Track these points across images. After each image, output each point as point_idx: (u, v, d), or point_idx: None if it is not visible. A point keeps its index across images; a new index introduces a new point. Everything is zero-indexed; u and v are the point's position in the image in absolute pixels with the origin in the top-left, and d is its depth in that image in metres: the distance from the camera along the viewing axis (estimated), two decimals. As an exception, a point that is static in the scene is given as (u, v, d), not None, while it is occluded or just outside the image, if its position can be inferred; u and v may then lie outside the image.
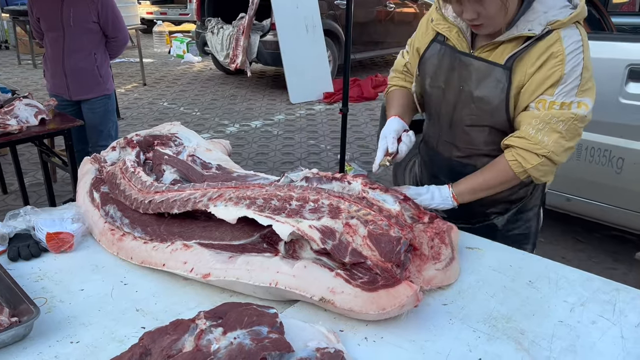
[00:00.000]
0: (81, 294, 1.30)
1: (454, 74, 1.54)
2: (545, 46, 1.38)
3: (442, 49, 1.56)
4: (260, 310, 1.04)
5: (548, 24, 1.37)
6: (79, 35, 3.33)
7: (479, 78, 1.48)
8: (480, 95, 1.49)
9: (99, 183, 1.71)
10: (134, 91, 7.63)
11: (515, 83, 1.42)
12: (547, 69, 1.38)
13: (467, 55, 1.50)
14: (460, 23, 1.50)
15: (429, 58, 1.60)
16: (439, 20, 1.56)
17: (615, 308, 1.24)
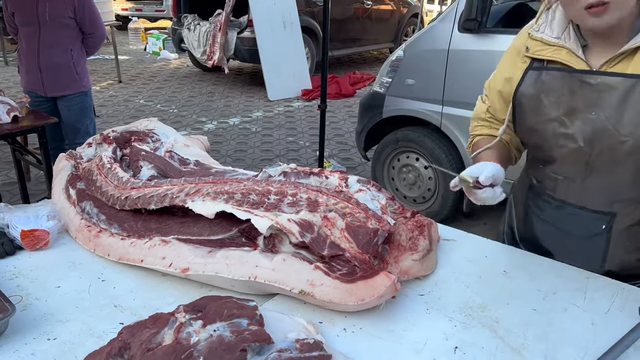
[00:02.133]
0: (57, 291, 1.28)
1: (575, 99, 1.24)
2: None
3: (545, 75, 1.28)
4: (240, 303, 1.05)
5: None
6: (55, 31, 3.28)
7: (619, 96, 1.19)
8: (628, 116, 1.18)
9: (75, 180, 1.69)
10: (109, 89, 7.53)
11: None
12: None
13: (592, 73, 1.22)
14: (567, 42, 1.26)
15: (528, 90, 1.32)
16: (537, 46, 1.30)
17: (586, 295, 1.27)
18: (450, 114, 3.35)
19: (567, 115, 1.26)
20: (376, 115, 3.76)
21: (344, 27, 8.43)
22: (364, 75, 8.10)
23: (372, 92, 3.83)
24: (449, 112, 3.35)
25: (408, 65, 3.53)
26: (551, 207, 1.41)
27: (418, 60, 3.48)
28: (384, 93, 3.69)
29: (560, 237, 1.42)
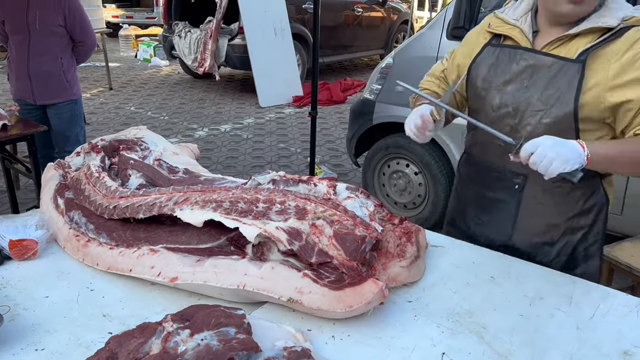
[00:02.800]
0: (46, 301, 1.28)
1: (514, 72, 1.45)
2: (629, 43, 1.32)
3: (498, 50, 1.49)
4: (228, 312, 1.05)
5: (624, 19, 1.33)
6: (45, 39, 3.27)
7: (547, 74, 1.39)
8: (549, 92, 1.38)
9: (63, 189, 1.68)
10: (100, 96, 7.50)
11: (593, 78, 1.33)
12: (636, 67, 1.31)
13: (533, 52, 1.42)
14: (522, 25, 1.47)
15: (483, 60, 1.52)
16: (498, 23, 1.52)
17: (572, 301, 1.29)
18: (440, 121, 3.37)
19: (505, 84, 1.47)
20: (367, 122, 3.78)
21: (334, 34, 8.47)
22: (354, 82, 8.13)
23: (363, 98, 3.85)
24: (438, 118, 3.37)
25: (398, 72, 3.55)
26: (477, 169, 1.61)
27: (408, 67, 3.50)
28: (374, 100, 3.71)
29: (482, 200, 1.60)
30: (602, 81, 1.33)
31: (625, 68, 1.31)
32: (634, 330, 1.18)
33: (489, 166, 1.56)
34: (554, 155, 1.24)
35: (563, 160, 1.24)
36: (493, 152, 1.52)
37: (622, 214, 2.82)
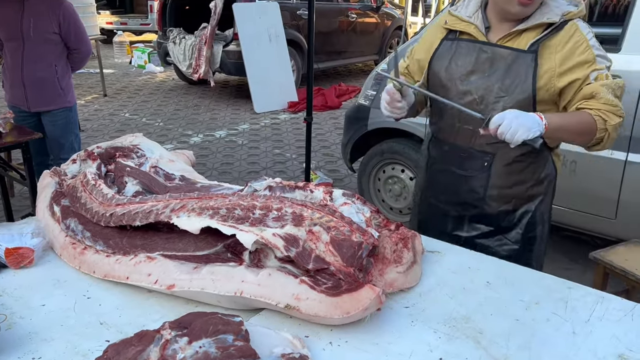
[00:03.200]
0: (42, 309, 1.28)
1: (477, 63, 1.63)
2: (568, 35, 1.56)
3: (456, 44, 1.67)
4: (226, 319, 1.05)
5: (563, 15, 1.57)
6: (39, 46, 3.27)
7: (504, 64, 1.59)
8: (509, 80, 1.58)
9: (59, 196, 1.68)
10: (95, 102, 7.49)
11: (544, 66, 1.56)
12: (579, 52, 1.54)
13: (490, 45, 1.62)
14: (476, 21, 1.66)
15: (442, 54, 1.69)
16: (454, 20, 1.70)
17: (567, 305, 1.30)
18: (435, 126, 3.39)
19: (468, 75, 1.64)
20: (361, 128, 3.79)
21: (329, 40, 8.50)
22: (349, 87, 8.15)
23: (357, 104, 3.86)
24: (433, 123, 3.39)
25: (392, 78, 3.57)
26: (446, 152, 1.77)
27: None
28: (369, 106, 3.72)
29: (452, 176, 1.76)
30: (551, 69, 1.56)
31: (568, 56, 1.55)
32: (629, 334, 1.19)
33: (458, 147, 1.72)
34: (518, 125, 1.42)
35: (526, 128, 1.42)
36: (462, 135, 1.70)
37: (616, 218, 2.84)
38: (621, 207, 2.82)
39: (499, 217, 1.74)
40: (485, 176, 1.70)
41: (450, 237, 1.77)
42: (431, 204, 1.87)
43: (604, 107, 1.51)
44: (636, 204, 2.78)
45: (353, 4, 9.24)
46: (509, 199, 1.72)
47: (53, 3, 3.27)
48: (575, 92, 1.55)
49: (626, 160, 2.76)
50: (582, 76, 1.54)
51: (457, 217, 1.78)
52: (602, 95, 1.51)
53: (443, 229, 1.82)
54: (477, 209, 1.75)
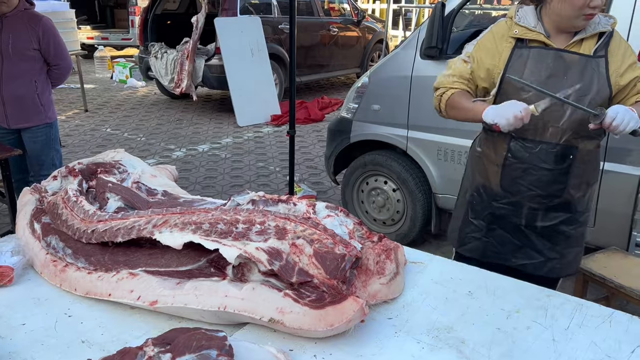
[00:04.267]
0: (22, 328, 1.26)
1: (553, 68, 1.79)
2: (618, 42, 1.82)
3: (529, 51, 1.83)
4: (209, 334, 1.05)
5: (610, 25, 1.82)
6: (19, 62, 3.24)
7: (579, 67, 1.78)
8: (585, 81, 1.77)
9: (39, 214, 1.67)
10: (76, 118, 7.43)
11: (611, 68, 1.79)
12: (628, 55, 1.82)
13: (563, 51, 1.81)
14: (539, 29, 1.83)
15: (517, 61, 1.83)
16: (522, 30, 1.85)
17: (547, 313, 1.32)
18: (416, 138, 3.43)
19: (547, 79, 1.79)
20: (344, 140, 3.82)
21: (311, 54, 8.56)
22: (332, 100, 8.20)
23: (340, 117, 3.89)
24: (414, 136, 3.43)
25: (373, 91, 3.61)
26: (532, 150, 1.86)
27: (383, 86, 3.56)
28: (351, 118, 3.75)
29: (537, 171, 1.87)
30: (615, 70, 1.79)
31: (623, 59, 1.81)
32: (607, 340, 1.22)
33: (547, 144, 1.84)
34: (630, 117, 1.67)
35: (635, 120, 1.68)
36: (549, 133, 1.83)
37: (594, 226, 2.89)
38: (599, 215, 2.87)
39: (576, 203, 1.91)
40: (569, 168, 1.86)
41: (527, 227, 1.93)
42: (510, 202, 1.94)
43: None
44: (613, 212, 2.83)
45: (334, 18, 9.33)
46: (582, 186, 1.90)
47: (32, 19, 3.25)
48: (632, 88, 1.82)
49: (603, 169, 2.81)
50: (637, 75, 1.81)
51: (535, 208, 1.90)
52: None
53: (519, 222, 1.93)
54: (559, 199, 1.89)
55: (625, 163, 2.76)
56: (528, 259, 1.95)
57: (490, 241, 2.00)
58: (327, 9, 9.41)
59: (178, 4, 8.75)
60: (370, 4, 14.57)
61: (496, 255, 1.99)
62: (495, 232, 1.98)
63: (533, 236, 1.93)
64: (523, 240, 1.94)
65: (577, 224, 1.94)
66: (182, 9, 8.83)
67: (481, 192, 2.01)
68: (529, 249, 1.94)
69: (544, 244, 1.93)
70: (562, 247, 1.93)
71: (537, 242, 1.93)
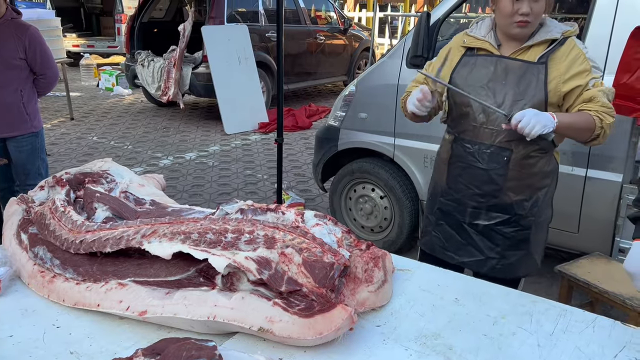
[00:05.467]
0: (10, 340, 1.25)
1: (495, 73, 1.90)
2: (568, 49, 1.86)
3: (475, 59, 1.96)
4: (199, 344, 1.06)
5: (563, 33, 1.87)
6: (4, 71, 3.22)
7: (519, 73, 1.87)
8: (522, 86, 1.85)
9: (26, 224, 1.66)
10: (61, 126, 7.37)
11: (552, 74, 1.84)
12: (579, 63, 1.83)
13: (505, 58, 1.91)
14: (489, 39, 1.95)
15: (463, 67, 1.96)
16: (471, 39, 1.98)
17: (532, 319, 1.34)
18: (402, 146, 3.46)
19: (487, 83, 1.91)
20: (332, 148, 3.84)
21: (298, 62, 8.59)
22: (319, 108, 8.23)
23: (328, 125, 3.91)
24: (400, 143, 3.46)
25: (360, 100, 3.64)
26: (469, 150, 1.98)
27: (370, 94, 3.59)
28: (338, 126, 3.77)
29: (475, 172, 1.97)
30: (558, 76, 1.84)
31: (570, 66, 1.84)
32: (590, 345, 1.24)
33: (482, 145, 1.94)
34: (536, 121, 1.72)
35: (542, 125, 1.72)
36: (484, 134, 1.93)
37: (579, 232, 2.94)
38: (583, 221, 2.92)
39: (515, 206, 1.96)
40: (504, 170, 1.93)
41: (470, 225, 2.02)
42: (453, 198, 2.06)
43: (600, 108, 1.80)
44: (596, 218, 2.88)
45: (321, 26, 9.38)
46: (522, 190, 1.95)
47: (19, 28, 3.23)
48: (577, 96, 1.83)
49: (586, 176, 2.86)
50: (583, 83, 1.82)
51: (477, 207, 1.99)
52: (599, 99, 1.80)
53: (463, 219, 2.03)
54: (496, 199, 1.96)
55: (608, 170, 2.81)
56: (469, 257, 2.02)
57: (438, 236, 2.12)
58: (314, 17, 9.46)
59: (165, 12, 8.75)
60: (357, 12, 14.68)
61: (442, 251, 2.10)
62: (442, 228, 2.10)
63: (474, 234, 2.01)
64: (466, 238, 2.04)
65: (518, 227, 1.97)
66: (168, 17, 8.83)
67: (433, 188, 2.17)
68: (471, 247, 2.03)
69: (485, 243, 2.00)
70: (502, 248, 1.99)
71: (478, 240, 2.01)
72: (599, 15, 2.78)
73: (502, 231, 1.98)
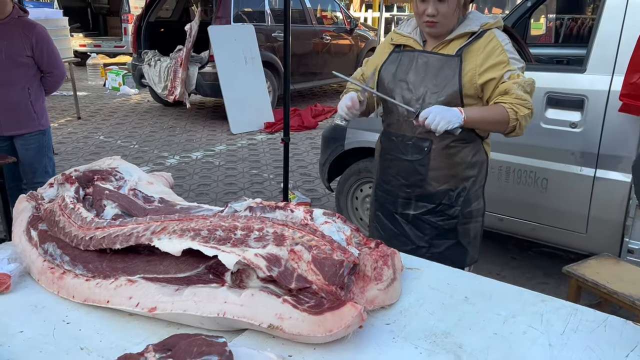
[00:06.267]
0: (20, 335, 1.26)
1: (415, 68, 1.98)
2: (486, 41, 1.91)
3: (400, 55, 2.04)
4: (209, 340, 1.06)
5: (482, 25, 1.93)
6: (11, 69, 3.24)
7: (437, 67, 1.93)
8: (440, 79, 1.92)
9: (36, 221, 1.66)
10: (68, 125, 7.41)
11: (467, 66, 1.90)
12: (495, 55, 1.88)
13: (425, 52, 1.98)
14: (414, 35, 2.03)
15: (390, 63, 2.04)
16: (398, 37, 2.07)
17: (543, 318, 1.33)
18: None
19: (409, 77, 1.98)
20: (338, 147, 3.84)
21: (304, 62, 8.60)
22: (325, 108, 8.23)
23: (334, 125, 3.90)
24: (408, 143, 3.46)
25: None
26: (395, 142, 2.08)
27: (377, 93, 3.59)
28: (345, 126, 3.77)
29: (401, 162, 2.07)
30: (473, 68, 1.89)
31: (486, 58, 1.89)
32: (602, 345, 1.23)
33: (404, 137, 2.04)
34: (440, 118, 1.79)
35: (446, 121, 1.79)
36: (406, 127, 2.02)
37: (587, 233, 2.92)
38: (591, 221, 2.90)
39: (439, 195, 2.04)
40: (426, 160, 2.01)
41: (401, 215, 2.12)
42: (384, 189, 2.17)
43: (515, 101, 1.84)
44: (605, 218, 2.86)
45: (327, 26, 9.39)
46: (447, 179, 2.02)
47: (26, 27, 3.25)
48: (494, 88, 1.89)
49: (594, 177, 2.85)
50: (498, 75, 1.87)
51: (406, 197, 2.09)
52: (514, 92, 1.84)
53: (395, 210, 2.13)
54: (421, 189, 2.05)
55: (617, 170, 2.79)
56: (402, 246, 2.04)
57: (376, 226, 2.23)
58: (320, 17, 9.47)
59: (171, 11, 8.77)
60: (363, 12, 14.67)
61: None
62: (379, 218, 2.21)
63: (405, 224, 2.11)
64: (398, 228, 2.13)
65: (445, 217, 2.06)
66: (175, 17, 8.85)
67: (374, 181, 2.28)
68: (403, 237, 2.12)
69: (414, 232, 2.09)
70: (430, 237, 2.07)
71: (408, 230, 2.10)
72: (609, 16, 2.77)
73: (429, 220, 2.06)
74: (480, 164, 2.07)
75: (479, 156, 2.06)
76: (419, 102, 1.95)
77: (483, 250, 3.26)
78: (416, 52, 2.00)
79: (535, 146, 2.99)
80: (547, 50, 5.05)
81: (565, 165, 2.94)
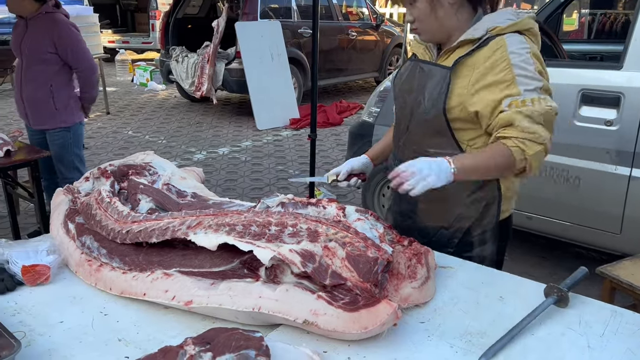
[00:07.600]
0: (60, 326, 1.29)
1: (412, 79, 1.68)
2: (490, 52, 1.48)
3: (411, 63, 1.74)
4: (247, 335, 1.06)
5: (488, 30, 1.51)
6: (34, 65, 3.30)
7: (427, 80, 1.60)
8: (428, 94, 1.58)
9: (73, 214, 1.70)
10: (98, 120, 7.54)
11: (459, 84, 1.52)
12: (495, 72, 1.47)
13: (426, 63, 1.67)
14: (429, 43, 1.72)
15: (402, 73, 1.78)
16: (414, 44, 1.81)
17: (581, 319, 1.31)
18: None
19: (410, 90, 1.68)
20: (365, 144, 3.82)
21: (329, 58, 8.59)
22: (350, 104, 8.22)
23: (361, 121, 3.90)
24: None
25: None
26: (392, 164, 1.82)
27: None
28: (372, 122, 3.76)
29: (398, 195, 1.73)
30: (465, 87, 1.52)
31: (484, 74, 1.49)
32: (643, 347, 1.20)
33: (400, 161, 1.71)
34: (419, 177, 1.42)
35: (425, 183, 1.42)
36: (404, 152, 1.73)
37: (621, 233, 2.86)
38: (626, 222, 2.84)
39: (429, 231, 1.75)
40: None
41: None
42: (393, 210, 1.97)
43: (521, 135, 1.43)
44: (641, 219, 2.80)
45: (353, 22, 9.36)
46: (437, 215, 1.73)
47: (49, 23, 3.28)
48: (490, 116, 1.50)
49: (630, 176, 2.78)
50: (493, 100, 1.47)
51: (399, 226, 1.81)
52: (518, 124, 1.43)
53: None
54: (410, 220, 1.81)
55: (654, 169, 2.73)
56: None
57: None
58: (346, 13, 9.44)
59: (199, 8, 8.85)
60: (389, 8, 14.57)
61: None
62: None
63: None
64: None
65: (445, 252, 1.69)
66: (202, 13, 8.93)
67: None
68: None
69: None
70: None
71: None
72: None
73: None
74: (485, 204, 1.66)
75: (484, 192, 1.64)
76: (408, 117, 1.67)
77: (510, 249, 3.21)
78: (419, 62, 1.69)
79: (568, 144, 2.94)
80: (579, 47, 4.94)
81: (599, 164, 2.88)
